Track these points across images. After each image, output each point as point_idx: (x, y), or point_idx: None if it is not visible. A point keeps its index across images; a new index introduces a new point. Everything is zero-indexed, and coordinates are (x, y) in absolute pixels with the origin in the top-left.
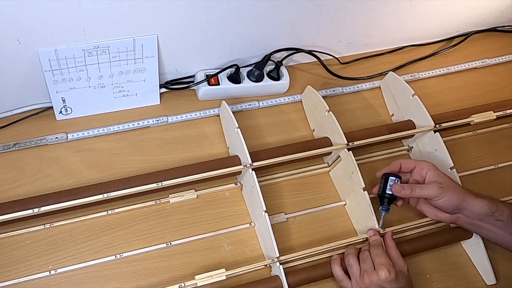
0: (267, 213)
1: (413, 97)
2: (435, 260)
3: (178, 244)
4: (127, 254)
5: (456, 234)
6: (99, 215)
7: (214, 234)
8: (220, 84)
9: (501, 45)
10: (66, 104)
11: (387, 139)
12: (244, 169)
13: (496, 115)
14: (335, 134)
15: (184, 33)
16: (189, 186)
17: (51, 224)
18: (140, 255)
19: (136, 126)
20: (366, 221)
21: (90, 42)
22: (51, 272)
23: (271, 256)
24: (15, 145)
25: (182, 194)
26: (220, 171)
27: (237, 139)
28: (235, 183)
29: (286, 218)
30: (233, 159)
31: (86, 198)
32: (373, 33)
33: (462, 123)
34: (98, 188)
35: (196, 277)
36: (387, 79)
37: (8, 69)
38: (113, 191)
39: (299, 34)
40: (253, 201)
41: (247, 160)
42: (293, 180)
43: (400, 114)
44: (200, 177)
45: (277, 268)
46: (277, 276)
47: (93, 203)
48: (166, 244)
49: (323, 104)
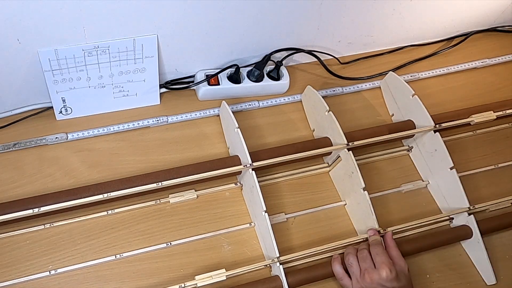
0: (267, 213)
1: (413, 97)
2: (435, 260)
3: (178, 244)
4: (127, 254)
5: (456, 234)
6: (99, 215)
7: (214, 234)
8: (220, 84)
9: (501, 45)
10: (66, 104)
11: (387, 139)
12: (244, 169)
13: (496, 115)
14: (335, 134)
15: (184, 33)
16: (189, 186)
17: (51, 224)
18: (140, 255)
19: (136, 126)
20: (366, 221)
21: (90, 42)
22: (51, 272)
23: (271, 256)
24: (15, 145)
25: (182, 194)
26: (220, 171)
27: (237, 139)
28: (235, 183)
29: (286, 218)
30: (233, 159)
31: (86, 198)
32: (373, 33)
33: (462, 123)
34: (98, 188)
35: (196, 277)
36: (387, 79)
37: (8, 69)
38: (113, 191)
39: (299, 34)
40: (253, 201)
41: (247, 160)
42: (293, 180)
43: (400, 114)
44: (200, 177)
45: (277, 268)
46: (277, 276)
47: (93, 203)
48: (166, 244)
49: (323, 104)
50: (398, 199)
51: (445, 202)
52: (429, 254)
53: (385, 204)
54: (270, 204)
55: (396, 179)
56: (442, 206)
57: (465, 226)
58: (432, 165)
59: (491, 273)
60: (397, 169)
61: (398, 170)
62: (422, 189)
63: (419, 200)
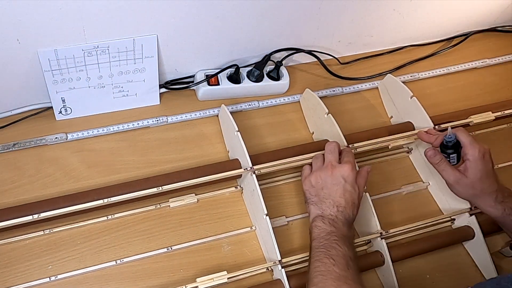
0: (268, 216)
1: (411, 99)
2: (435, 260)
3: (178, 249)
4: (128, 259)
5: (458, 235)
6: (99, 220)
7: (214, 238)
8: (220, 84)
9: (501, 45)
10: (66, 104)
11: (388, 140)
12: (245, 172)
13: (495, 116)
14: (334, 136)
15: (184, 33)
16: (189, 190)
17: (50, 230)
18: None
19: (136, 126)
20: (368, 223)
21: (89, 42)
22: (51, 278)
23: (272, 259)
24: (14, 145)
25: (183, 198)
26: (220, 175)
27: (237, 142)
28: (235, 186)
29: (287, 221)
30: (233, 163)
31: (85, 203)
32: (373, 33)
33: (461, 124)
34: (98, 194)
35: (198, 279)
36: (385, 82)
37: (8, 69)
38: (113, 196)
39: (299, 34)
40: (254, 205)
41: (248, 163)
42: (293, 182)
43: (399, 116)
44: (200, 181)
45: (278, 272)
46: (279, 280)
47: (93, 208)
48: (167, 249)
49: (322, 107)
50: (399, 201)
51: (446, 203)
52: (428, 254)
53: (386, 206)
54: (271, 207)
55: (397, 180)
56: (443, 207)
57: (467, 227)
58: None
59: (493, 274)
60: (397, 170)
61: (398, 172)
62: (423, 191)
63: (420, 202)
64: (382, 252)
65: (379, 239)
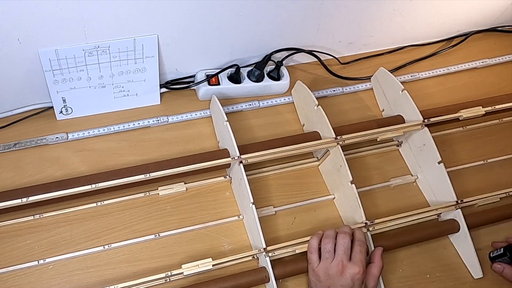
0: (254, 204)
1: (402, 92)
2: (435, 260)
3: (166, 236)
4: (116, 245)
5: (443, 228)
6: (89, 206)
7: (202, 226)
8: (220, 84)
9: (501, 45)
10: (67, 104)
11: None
12: (233, 161)
13: (485, 111)
14: (323, 128)
15: (185, 33)
16: (179, 178)
17: (40, 215)
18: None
19: (137, 126)
20: (354, 214)
21: (90, 42)
22: (39, 261)
23: (258, 247)
24: (15, 145)
25: (172, 186)
26: (208, 163)
27: (226, 132)
28: (224, 176)
29: (275, 211)
30: (222, 152)
31: (74, 188)
32: (373, 33)
33: (451, 118)
34: (87, 179)
35: (183, 266)
36: (377, 75)
37: (8, 69)
38: (102, 182)
39: (299, 34)
40: (241, 194)
41: (236, 153)
42: (283, 173)
43: (390, 109)
44: (188, 169)
45: (264, 259)
46: (264, 267)
47: (83, 194)
48: (155, 236)
49: (312, 99)
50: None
51: (433, 197)
52: (428, 254)
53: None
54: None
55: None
56: (430, 200)
57: (453, 220)
58: (421, 159)
59: (478, 267)
60: (387, 163)
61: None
62: (411, 184)
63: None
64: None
65: (364, 230)
